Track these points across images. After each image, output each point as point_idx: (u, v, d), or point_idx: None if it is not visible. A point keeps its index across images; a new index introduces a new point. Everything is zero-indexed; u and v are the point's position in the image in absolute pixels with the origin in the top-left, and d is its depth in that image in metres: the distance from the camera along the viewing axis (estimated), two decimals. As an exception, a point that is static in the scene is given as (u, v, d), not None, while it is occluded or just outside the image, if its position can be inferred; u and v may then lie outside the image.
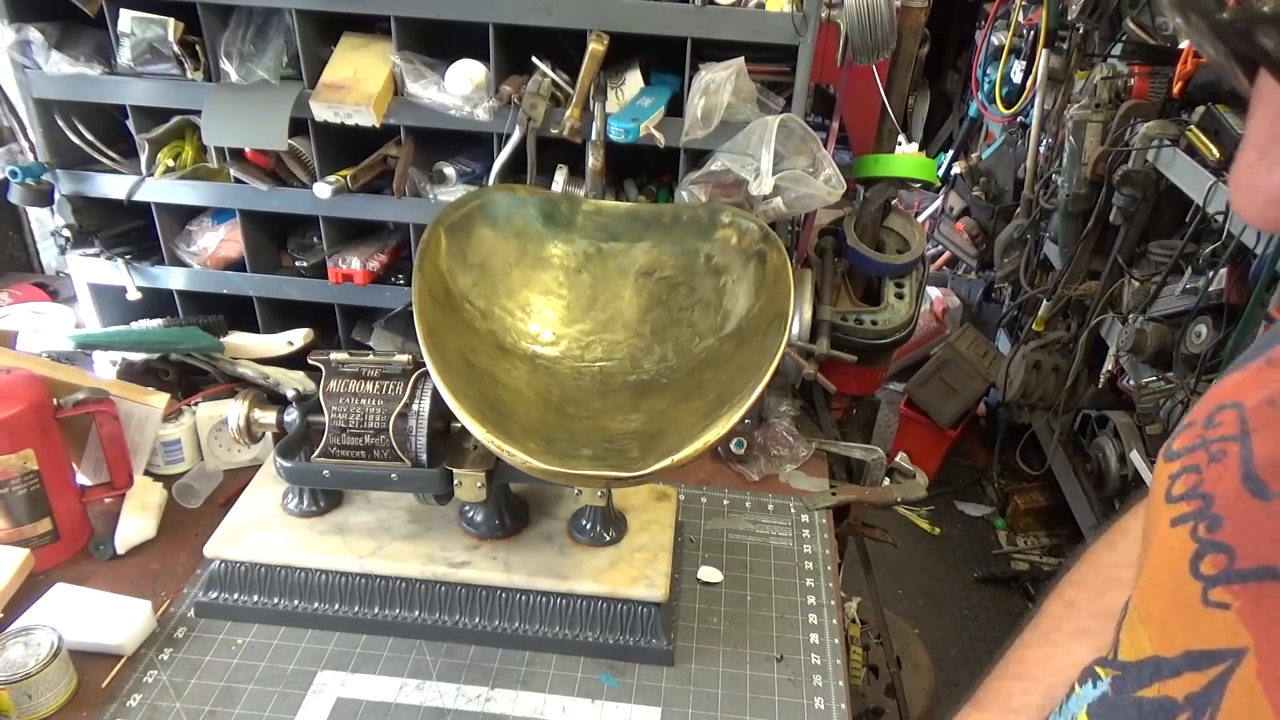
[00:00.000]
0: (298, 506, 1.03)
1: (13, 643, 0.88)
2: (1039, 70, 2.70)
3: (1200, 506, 0.43)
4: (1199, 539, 0.42)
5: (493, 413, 0.86)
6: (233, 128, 1.22)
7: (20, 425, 1.00)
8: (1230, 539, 0.41)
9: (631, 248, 1.09)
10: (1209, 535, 0.42)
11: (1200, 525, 0.42)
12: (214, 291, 1.39)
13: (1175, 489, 0.45)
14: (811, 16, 1.13)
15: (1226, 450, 0.43)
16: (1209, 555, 0.41)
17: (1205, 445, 0.45)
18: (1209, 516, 0.42)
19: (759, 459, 1.30)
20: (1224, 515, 0.42)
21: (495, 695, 0.93)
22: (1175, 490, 0.45)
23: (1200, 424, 0.47)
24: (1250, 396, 0.45)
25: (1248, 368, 0.48)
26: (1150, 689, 0.43)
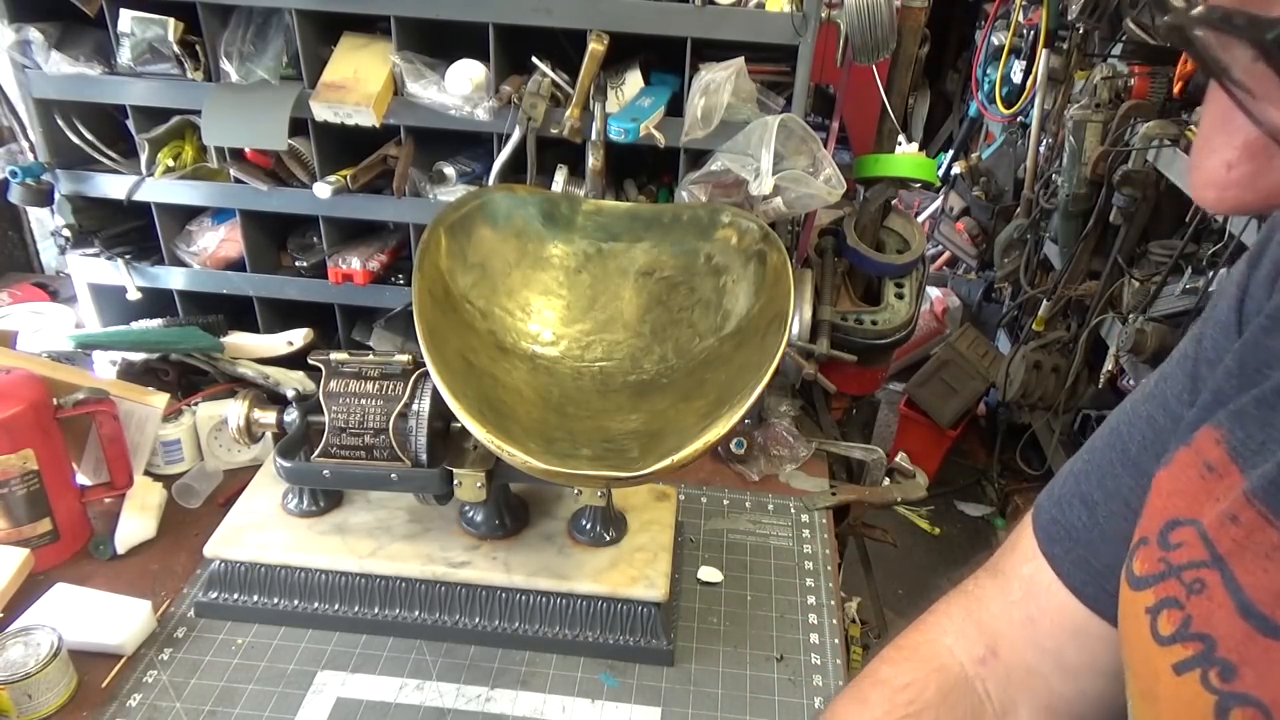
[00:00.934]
0: (298, 506, 1.03)
1: (13, 643, 0.88)
2: (1039, 70, 2.70)
3: (1202, 650, 0.39)
4: (1215, 690, 0.38)
5: (493, 413, 0.86)
6: (233, 128, 1.22)
7: (20, 425, 1.00)
8: (1255, 690, 0.37)
9: (631, 248, 1.09)
10: (1226, 686, 0.38)
11: (1210, 673, 0.39)
12: (214, 291, 1.39)
13: (1162, 628, 0.41)
14: (811, 16, 1.13)
15: (1204, 580, 0.40)
16: (1235, 709, 0.37)
17: (1175, 573, 0.42)
18: (1218, 662, 0.39)
19: (759, 459, 1.30)
20: (1236, 662, 0.38)
21: (495, 695, 0.93)
22: (1163, 630, 0.41)
23: (1155, 542, 0.43)
24: (1205, 511, 0.41)
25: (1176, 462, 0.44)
26: None
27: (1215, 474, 0.42)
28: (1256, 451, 0.40)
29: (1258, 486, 0.39)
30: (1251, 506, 0.39)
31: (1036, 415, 2.80)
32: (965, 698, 0.56)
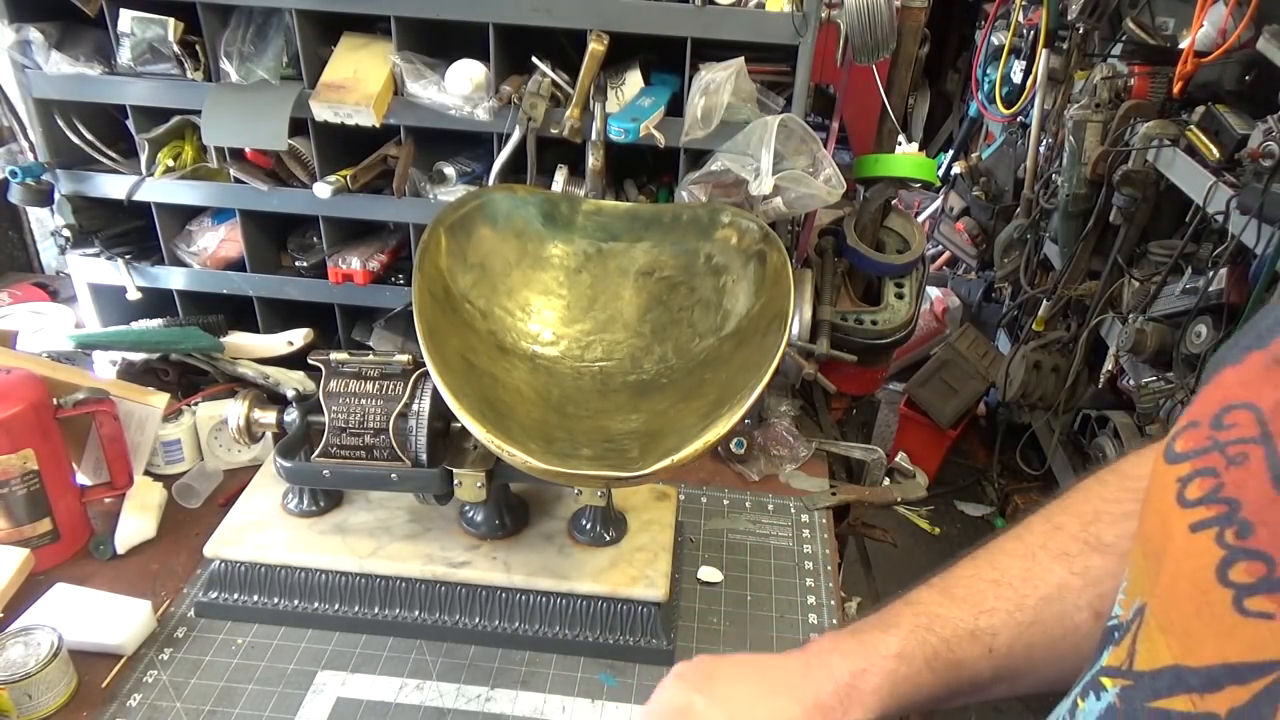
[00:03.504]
0: (298, 506, 1.03)
1: (13, 643, 0.88)
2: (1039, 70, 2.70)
3: (1225, 511, 0.42)
4: (1227, 545, 0.41)
5: (493, 413, 0.86)
6: (233, 128, 1.22)
7: (20, 425, 1.00)
8: (1267, 546, 0.40)
9: (631, 248, 1.09)
10: (1239, 542, 0.40)
11: (1227, 531, 0.41)
12: (214, 291, 1.39)
13: (1189, 493, 0.44)
14: (811, 16, 1.13)
15: (1247, 454, 0.42)
16: (1241, 563, 0.40)
17: (1219, 448, 0.44)
18: (1237, 522, 0.41)
19: (759, 459, 1.30)
20: (1255, 521, 0.40)
21: (495, 695, 0.93)
22: (1189, 494, 0.44)
23: (1206, 424, 0.46)
24: (1265, 398, 0.44)
25: (1247, 361, 0.47)
26: (1175, 700, 0.41)
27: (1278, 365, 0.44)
28: None
29: None
30: None
31: (1036, 415, 2.80)
32: None
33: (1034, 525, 0.65)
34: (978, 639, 0.60)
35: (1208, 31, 2.08)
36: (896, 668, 0.58)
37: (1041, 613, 0.60)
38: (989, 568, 0.63)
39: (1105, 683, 0.47)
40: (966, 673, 0.60)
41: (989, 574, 0.62)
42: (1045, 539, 0.63)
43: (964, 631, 0.60)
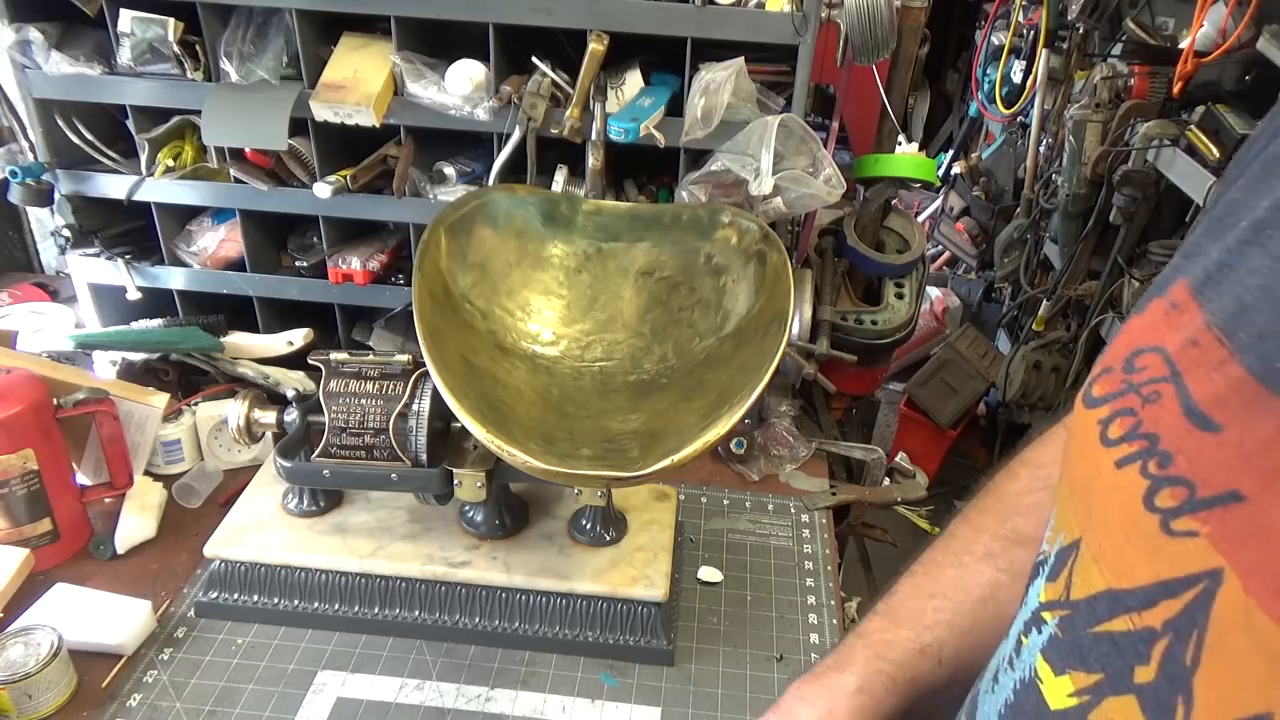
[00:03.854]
0: (298, 506, 1.03)
1: (13, 643, 0.88)
2: (1039, 70, 2.70)
3: (1146, 446, 0.45)
4: (1151, 475, 0.44)
5: (493, 413, 0.86)
6: (233, 128, 1.22)
7: (20, 425, 1.00)
8: (1186, 473, 0.43)
9: (631, 248, 1.09)
10: (1161, 471, 0.44)
11: (1149, 463, 0.45)
12: (214, 291, 1.39)
13: (1111, 433, 0.48)
14: (811, 16, 1.13)
15: (1160, 392, 0.46)
16: (1165, 489, 0.43)
17: (1134, 389, 0.48)
18: (1158, 454, 0.44)
19: (759, 459, 1.30)
20: (1174, 451, 0.44)
21: (495, 695, 0.93)
22: (1111, 434, 0.48)
23: (1119, 369, 0.49)
24: (1169, 340, 0.47)
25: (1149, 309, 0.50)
26: (1114, 622, 0.45)
27: (1178, 309, 0.48)
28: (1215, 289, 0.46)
29: (1216, 318, 0.45)
30: (1210, 332, 0.45)
31: (1036, 415, 2.80)
32: None
33: (957, 531, 0.69)
34: (927, 654, 0.63)
35: (1208, 31, 2.08)
36: (861, 701, 0.62)
37: (978, 615, 0.64)
38: (925, 582, 0.67)
39: (1045, 616, 0.50)
40: (923, 686, 0.63)
41: (926, 589, 0.67)
42: (969, 543, 0.68)
43: (913, 651, 0.63)
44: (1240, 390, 0.42)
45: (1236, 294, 0.45)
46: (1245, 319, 0.43)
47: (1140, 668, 0.43)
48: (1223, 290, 0.46)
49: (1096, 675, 0.46)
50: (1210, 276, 0.47)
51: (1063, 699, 0.48)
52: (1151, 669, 0.43)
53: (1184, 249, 0.52)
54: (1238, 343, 0.43)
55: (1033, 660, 0.50)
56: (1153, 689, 0.43)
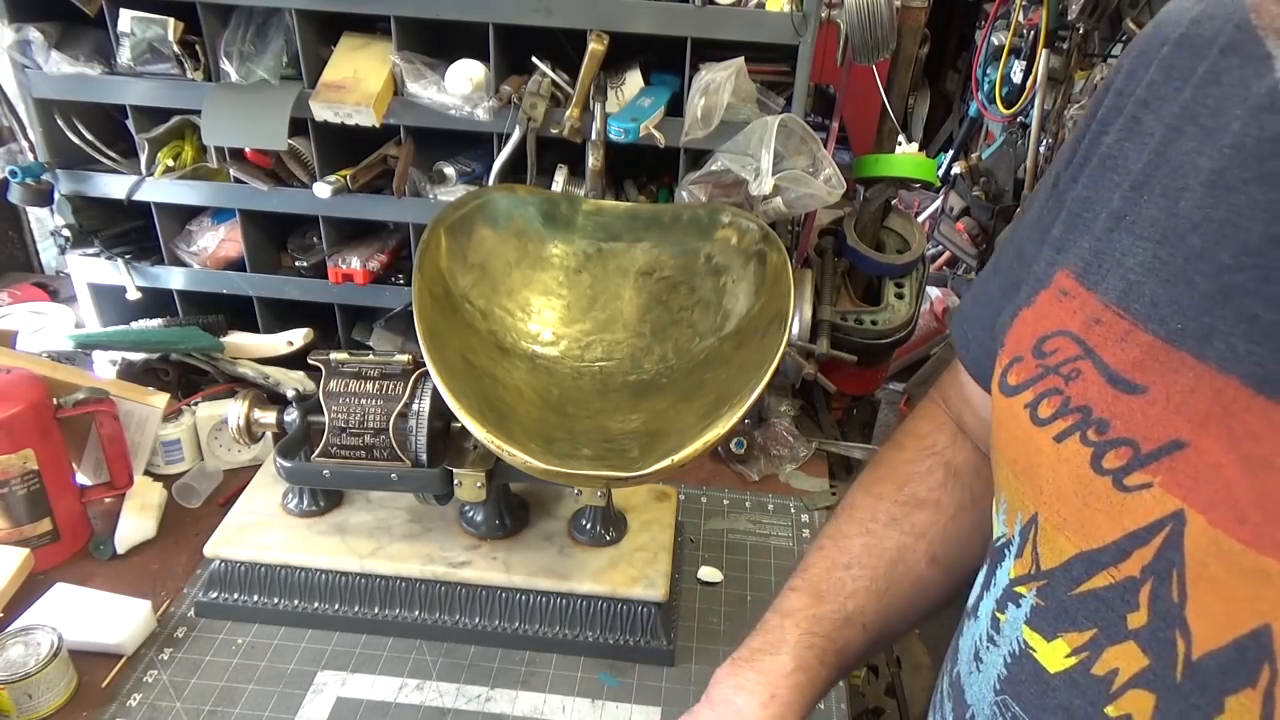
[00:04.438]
0: (298, 506, 1.03)
1: (13, 643, 0.88)
2: (1039, 70, 2.69)
3: (1080, 419, 0.50)
4: (1092, 442, 0.48)
5: (493, 413, 0.86)
6: (233, 128, 1.22)
7: (20, 425, 1.00)
8: (1125, 433, 0.47)
9: (631, 248, 1.09)
10: (1101, 437, 0.48)
11: (1088, 431, 0.49)
12: (214, 291, 1.39)
13: (1041, 413, 0.52)
14: (811, 16, 1.13)
15: (1079, 369, 0.50)
16: (1109, 452, 0.48)
17: (1052, 371, 0.52)
18: (1094, 422, 0.49)
19: (759, 459, 1.30)
20: (1109, 417, 0.48)
21: (495, 695, 0.93)
22: (1042, 414, 0.52)
23: (1030, 356, 0.54)
24: (1072, 323, 0.52)
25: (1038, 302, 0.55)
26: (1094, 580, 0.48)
27: (1069, 296, 0.53)
28: (1098, 273, 0.52)
29: (1109, 297, 0.50)
30: (1108, 310, 0.50)
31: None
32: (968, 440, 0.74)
33: (858, 502, 0.74)
34: (851, 623, 0.67)
35: (1208, 31, 2.07)
36: (799, 681, 0.65)
37: (891, 577, 0.69)
38: (838, 554, 0.71)
39: (1020, 591, 0.53)
40: (851, 653, 0.68)
41: (840, 560, 0.70)
42: (873, 512, 0.72)
43: (839, 621, 0.67)
44: (1152, 353, 0.47)
45: (1121, 274, 0.50)
46: (1135, 293, 0.49)
47: (1132, 614, 0.46)
48: (1106, 273, 0.51)
49: (1090, 631, 0.48)
50: (1089, 265, 0.52)
51: (1060, 661, 0.50)
52: (1143, 613, 0.46)
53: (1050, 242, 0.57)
54: (1136, 314, 0.48)
55: (1018, 633, 0.53)
56: (1149, 630, 0.45)
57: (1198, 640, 0.43)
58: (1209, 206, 0.47)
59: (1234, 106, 0.47)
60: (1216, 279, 0.45)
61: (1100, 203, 0.53)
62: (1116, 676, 0.47)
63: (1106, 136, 0.55)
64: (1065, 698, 0.49)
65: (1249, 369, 0.43)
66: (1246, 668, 0.41)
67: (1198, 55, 0.51)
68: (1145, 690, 0.45)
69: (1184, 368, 0.45)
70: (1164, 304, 0.47)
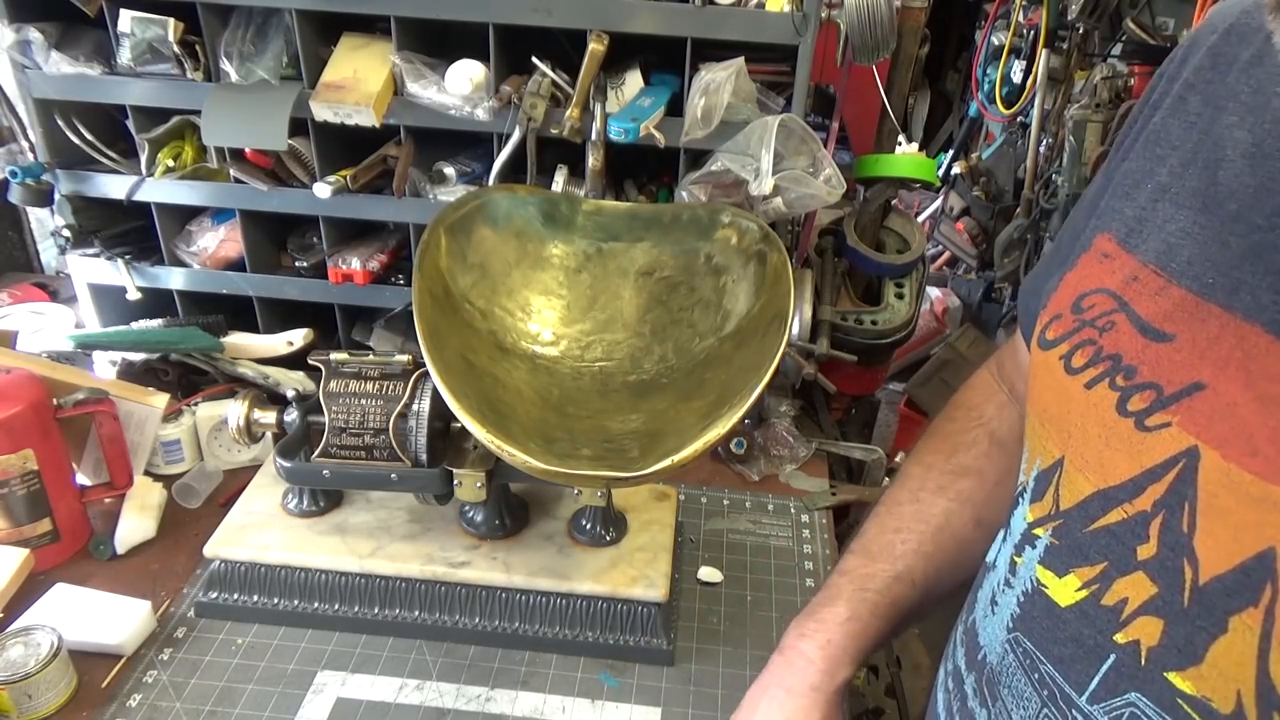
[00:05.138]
0: (298, 506, 1.03)
1: (13, 643, 0.88)
2: (1039, 70, 2.69)
3: (1110, 366, 0.52)
4: (1119, 387, 0.51)
5: (493, 413, 0.86)
6: (233, 128, 1.22)
7: (20, 425, 1.00)
8: (1151, 378, 0.50)
9: (631, 248, 1.09)
10: (1128, 382, 0.51)
11: (1116, 378, 0.52)
12: (214, 291, 1.39)
13: (1075, 363, 0.55)
14: (811, 16, 1.13)
15: (1114, 320, 0.53)
16: (1134, 395, 0.50)
17: (1089, 324, 0.55)
18: (1122, 369, 0.52)
19: (759, 459, 1.30)
20: (1137, 364, 0.51)
21: (495, 695, 0.93)
22: (1075, 364, 0.55)
23: (1068, 313, 0.57)
24: (1110, 280, 0.55)
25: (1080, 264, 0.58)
26: (1108, 517, 0.51)
27: (1109, 258, 0.56)
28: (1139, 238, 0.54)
29: (1148, 257, 0.53)
30: (1146, 268, 0.53)
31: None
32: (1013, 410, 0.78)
33: (911, 471, 0.79)
34: (901, 580, 0.72)
35: (1208, 31, 2.07)
36: (853, 628, 0.70)
37: (939, 540, 0.74)
38: (890, 519, 0.76)
39: (1037, 533, 0.56)
40: (903, 608, 0.72)
41: (891, 525, 0.76)
42: (922, 480, 0.77)
43: (890, 578, 0.72)
44: (1183, 305, 0.50)
45: (1162, 238, 0.53)
46: (1173, 255, 0.52)
47: (1141, 546, 0.49)
48: (1147, 237, 0.54)
49: (1100, 565, 0.51)
50: (1132, 230, 0.55)
51: (1071, 595, 0.52)
52: (1152, 545, 0.48)
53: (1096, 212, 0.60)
54: (1172, 272, 0.51)
55: (1031, 573, 0.56)
56: (1158, 560, 0.48)
57: (1205, 566, 0.45)
58: (1246, 175, 0.49)
59: (1275, 84, 0.50)
60: (1249, 238, 0.48)
61: (1145, 175, 0.56)
62: (1126, 605, 0.49)
63: (1155, 116, 0.58)
64: (1075, 629, 0.52)
65: (1271, 316, 0.45)
66: (1251, 588, 0.43)
67: (1244, 42, 0.54)
68: (1153, 616, 0.48)
69: (1210, 317, 0.48)
70: (1199, 263, 0.50)
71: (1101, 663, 0.50)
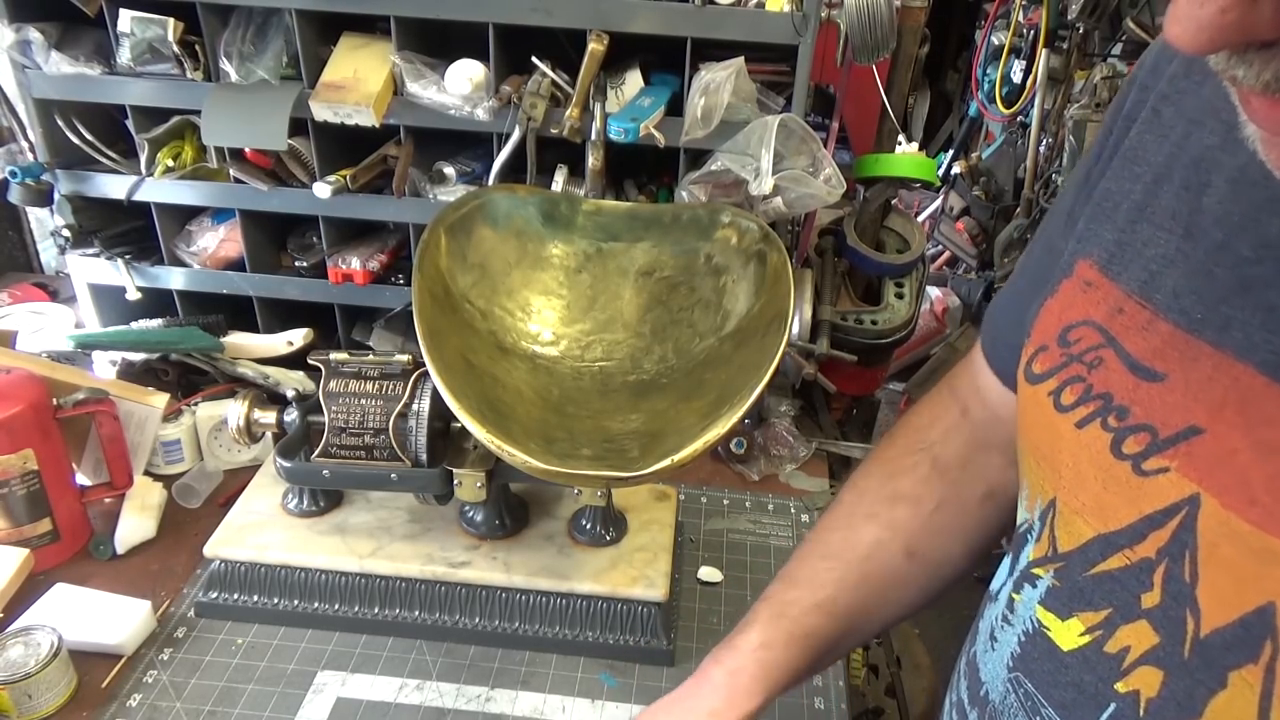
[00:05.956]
0: (298, 506, 1.03)
1: (13, 643, 0.88)
2: (1039, 70, 2.70)
3: (1101, 405, 0.51)
4: (1112, 428, 0.50)
5: (493, 413, 0.86)
6: (233, 128, 1.22)
7: (20, 425, 1.00)
8: (1144, 419, 0.48)
9: (631, 248, 1.09)
10: (1121, 423, 0.49)
11: (1109, 418, 0.50)
12: (214, 291, 1.39)
13: (1064, 400, 0.53)
14: (811, 16, 1.13)
15: (1102, 357, 0.52)
16: (1129, 437, 0.49)
17: (1076, 359, 0.53)
18: (1114, 408, 0.50)
19: (759, 459, 1.30)
20: (1128, 404, 0.49)
21: (495, 695, 0.93)
22: (1065, 401, 0.53)
23: (1054, 345, 0.55)
24: (1096, 312, 0.53)
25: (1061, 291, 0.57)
26: (1109, 562, 0.50)
27: (1094, 287, 0.54)
28: (1120, 264, 0.53)
29: (1131, 287, 0.51)
30: (1130, 299, 0.51)
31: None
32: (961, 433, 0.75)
33: (845, 496, 0.76)
34: (821, 609, 0.69)
35: (1208, 31, 2.07)
36: (764, 656, 0.67)
37: (865, 570, 0.71)
38: (818, 545, 0.74)
39: (1037, 573, 0.55)
40: (820, 638, 0.69)
41: (819, 552, 0.73)
42: (854, 506, 0.75)
43: (809, 607, 0.69)
44: (1172, 342, 0.48)
45: (1142, 264, 0.51)
46: (1157, 284, 0.50)
47: (1145, 594, 0.47)
48: (1128, 264, 0.52)
49: (1105, 611, 0.50)
50: (1113, 255, 0.54)
51: (1074, 639, 0.51)
52: (1156, 593, 0.47)
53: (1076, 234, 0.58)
54: (1157, 304, 0.49)
55: (1031, 613, 0.54)
56: (1161, 610, 0.47)
57: (1206, 618, 0.44)
58: (1230, 202, 0.47)
59: None
60: (1236, 271, 0.46)
61: (1122, 194, 0.54)
62: (1127, 654, 0.48)
63: (1131, 130, 0.56)
64: (1076, 674, 0.51)
65: (1265, 357, 0.44)
66: (1250, 643, 0.43)
67: None
68: (1154, 667, 0.47)
69: (1202, 356, 0.46)
70: (1185, 294, 0.48)
71: (1102, 710, 0.49)
